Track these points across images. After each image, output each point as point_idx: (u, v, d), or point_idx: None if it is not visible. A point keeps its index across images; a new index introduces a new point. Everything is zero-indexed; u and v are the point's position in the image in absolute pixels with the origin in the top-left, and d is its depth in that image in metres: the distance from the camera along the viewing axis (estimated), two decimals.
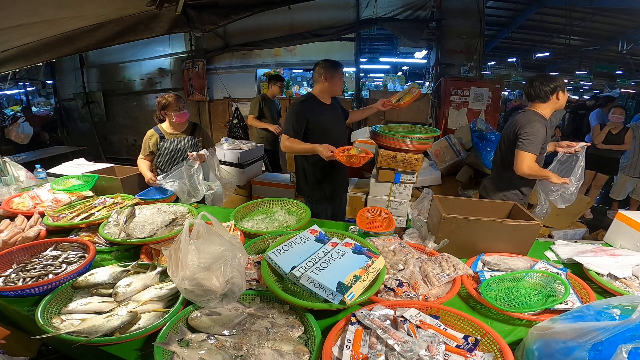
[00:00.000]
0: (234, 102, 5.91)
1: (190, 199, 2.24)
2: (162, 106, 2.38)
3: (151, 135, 2.46)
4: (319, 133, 2.18)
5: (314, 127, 2.17)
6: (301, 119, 2.14)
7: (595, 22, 7.49)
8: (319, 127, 2.18)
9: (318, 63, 2.22)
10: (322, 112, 2.21)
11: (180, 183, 2.19)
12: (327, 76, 2.16)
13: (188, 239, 1.13)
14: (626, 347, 0.70)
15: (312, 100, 2.22)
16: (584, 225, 3.38)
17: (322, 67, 2.18)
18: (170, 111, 2.36)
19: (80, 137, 7.63)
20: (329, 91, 2.22)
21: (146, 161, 2.51)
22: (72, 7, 2.02)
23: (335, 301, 1.09)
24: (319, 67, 2.19)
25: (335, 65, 2.18)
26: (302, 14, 5.27)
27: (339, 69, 2.18)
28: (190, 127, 2.55)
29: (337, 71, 2.17)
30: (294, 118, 2.15)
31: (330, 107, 2.28)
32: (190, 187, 2.23)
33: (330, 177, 2.34)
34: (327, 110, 2.25)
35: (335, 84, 2.19)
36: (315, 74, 2.23)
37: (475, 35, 5.11)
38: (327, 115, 2.24)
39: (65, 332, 1.04)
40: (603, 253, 1.49)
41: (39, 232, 1.69)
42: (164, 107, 2.37)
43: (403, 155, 2.45)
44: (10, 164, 2.54)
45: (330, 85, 2.19)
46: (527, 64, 12.69)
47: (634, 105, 9.99)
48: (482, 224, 1.49)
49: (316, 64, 2.23)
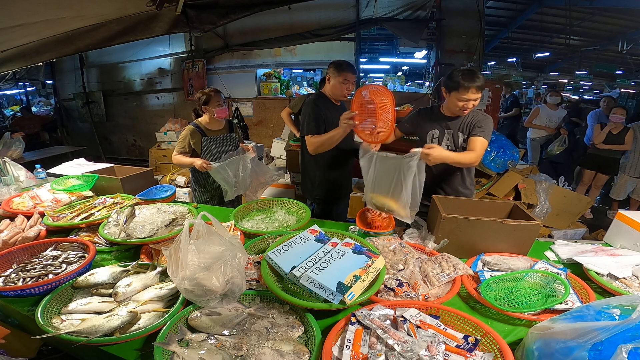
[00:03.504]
0: (234, 102, 5.90)
1: (237, 190, 2.21)
2: (202, 101, 2.25)
3: (192, 132, 2.29)
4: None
5: (326, 126, 2.09)
6: (318, 113, 2.06)
7: (595, 22, 7.48)
8: (330, 127, 2.09)
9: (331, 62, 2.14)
10: (333, 111, 2.15)
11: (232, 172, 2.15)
12: (330, 77, 2.10)
13: (188, 239, 1.13)
14: (626, 347, 0.70)
15: (323, 98, 2.17)
16: (584, 225, 3.38)
17: (329, 66, 2.11)
18: (212, 107, 2.24)
19: (80, 137, 7.62)
20: (332, 93, 2.14)
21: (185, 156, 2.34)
22: (72, 7, 2.02)
23: (335, 301, 1.09)
24: (329, 66, 2.12)
25: (339, 67, 2.04)
26: (302, 14, 5.27)
27: (342, 72, 2.04)
28: (227, 124, 2.46)
29: (340, 74, 2.04)
30: (313, 115, 2.06)
31: (340, 108, 2.21)
32: (240, 179, 2.19)
33: (337, 177, 2.31)
34: (337, 111, 2.16)
35: (334, 86, 2.08)
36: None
37: (475, 35, 5.10)
38: (337, 116, 2.13)
39: (65, 332, 1.04)
40: (603, 253, 1.49)
41: (39, 232, 1.69)
42: (205, 102, 2.25)
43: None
44: (10, 164, 2.54)
45: (331, 87, 2.11)
46: (527, 64, 12.68)
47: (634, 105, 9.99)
48: (482, 224, 1.49)
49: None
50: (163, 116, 6.59)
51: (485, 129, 1.81)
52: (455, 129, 1.88)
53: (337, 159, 2.24)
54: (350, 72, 2.05)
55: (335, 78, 2.08)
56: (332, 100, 2.19)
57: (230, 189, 2.21)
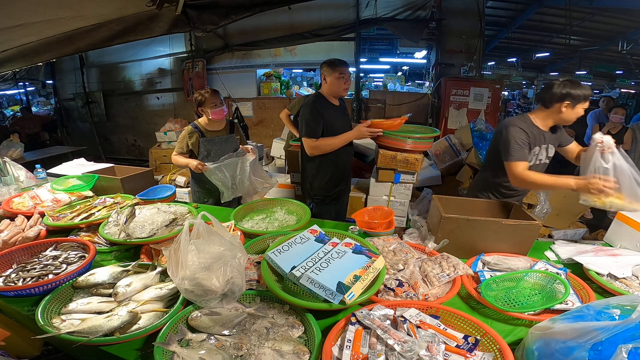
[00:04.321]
0: (234, 102, 5.91)
1: (235, 192, 2.20)
2: (198, 103, 2.25)
3: (190, 132, 2.29)
4: (330, 133, 2.14)
5: (325, 126, 2.13)
6: (317, 115, 2.10)
7: (595, 22, 7.48)
8: (329, 127, 2.14)
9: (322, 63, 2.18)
10: (332, 111, 2.17)
11: (229, 174, 2.13)
12: (326, 76, 2.14)
13: (188, 239, 1.13)
14: (626, 347, 0.70)
15: (321, 98, 2.19)
16: (584, 225, 3.38)
17: (322, 67, 2.16)
18: (207, 108, 2.23)
19: (80, 137, 7.63)
20: (330, 91, 2.18)
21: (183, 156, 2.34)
22: (72, 7, 2.02)
23: (335, 301, 1.09)
24: (321, 67, 2.17)
25: (332, 65, 2.10)
26: (302, 14, 5.27)
27: (336, 67, 2.09)
28: (228, 124, 2.45)
29: (335, 70, 2.09)
30: (311, 117, 2.08)
31: (339, 109, 2.25)
32: (238, 181, 2.18)
33: (336, 178, 2.31)
34: (336, 111, 2.21)
35: (332, 83, 2.12)
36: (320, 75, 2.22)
37: (475, 35, 5.10)
38: (336, 116, 2.20)
39: (65, 332, 1.04)
40: (603, 253, 1.49)
41: (39, 232, 1.69)
42: (200, 103, 2.25)
43: (403, 155, 2.45)
44: (10, 164, 2.54)
45: (329, 85, 2.15)
46: (527, 64, 12.69)
47: (634, 105, 9.98)
48: (482, 224, 1.49)
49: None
50: (163, 116, 6.60)
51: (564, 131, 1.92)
52: (547, 142, 1.86)
53: (336, 159, 2.24)
54: (343, 66, 2.11)
55: (331, 75, 2.12)
56: (331, 100, 2.21)
57: (227, 191, 2.20)
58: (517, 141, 1.71)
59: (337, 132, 2.16)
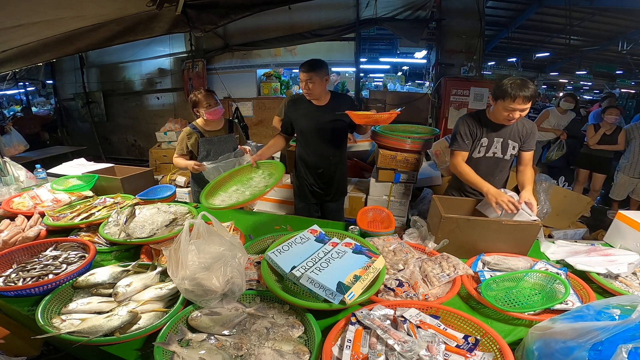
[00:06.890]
0: (234, 102, 5.90)
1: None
2: (192, 104, 2.27)
3: (189, 133, 2.29)
4: (298, 133, 2.20)
5: (295, 127, 2.19)
6: (285, 115, 2.21)
7: (595, 22, 7.48)
8: (298, 128, 2.18)
9: None
10: (305, 112, 2.13)
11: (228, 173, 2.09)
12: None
13: (188, 239, 1.13)
14: (626, 347, 0.70)
15: (299, 100, 2.18)
16: (584, 225, 3.38)
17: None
18: (201, 109, 2.23)
19: (80, 137, 7.62)
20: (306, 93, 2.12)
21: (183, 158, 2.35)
22: (72, 7, 2.02)
23: (335, 301, 1.09)
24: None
25: (300, 68, 2.04)
26: (302, 14, 5.27)
27: (300, 70, 2.03)
28: (227, 123, 2.45)
29: (300, 73, 2.03)
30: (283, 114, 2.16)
31: (321, 109, 2.13)
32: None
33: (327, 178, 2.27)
34: (314, 112, 2.12)
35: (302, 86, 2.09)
36: None
37: (475, 35, 5.10)
38: (309, 117, 2.13)
39: (65, 332, 1.04)
40: (596, 253, 1.48)
41: (39, 232, 1.69)
42: (195, 104, 2.25)
43: (403, 155, 2.46)
44: (10, 164, 2.54)
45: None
46: (527, 64, 12.68)
47: (634, 105, 9.98)
48: (482, 224, 1.50)
49: None
50: (163, 116, 6.59)
51: (534, 138, 1.91)
52: (505, 137, 1.86)
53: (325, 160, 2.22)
54: (302, 70, 2.03)
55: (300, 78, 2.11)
56: (313, 101, 2.13)
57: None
58: (460, 132, 1.87)
59: (305, 133, 2.17)
